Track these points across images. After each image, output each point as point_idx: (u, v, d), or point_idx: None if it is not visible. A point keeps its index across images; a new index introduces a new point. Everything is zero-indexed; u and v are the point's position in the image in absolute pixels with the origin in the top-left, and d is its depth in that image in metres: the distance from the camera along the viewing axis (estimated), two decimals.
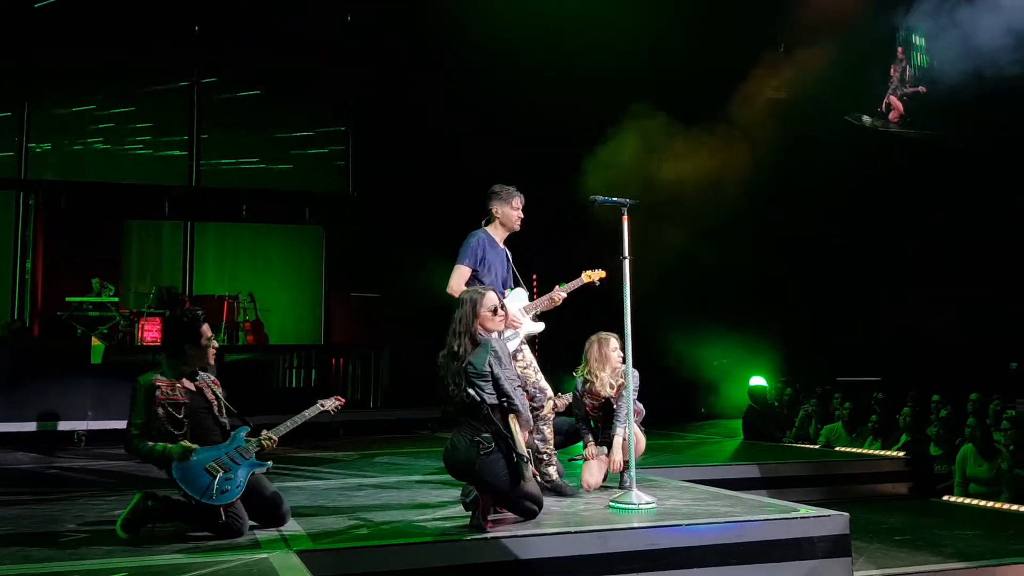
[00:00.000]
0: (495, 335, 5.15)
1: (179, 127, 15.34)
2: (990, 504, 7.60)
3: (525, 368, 5.80)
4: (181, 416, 4.84)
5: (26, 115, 14.65)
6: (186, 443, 4.74)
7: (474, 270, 5.92)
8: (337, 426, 11.55)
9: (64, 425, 10.22)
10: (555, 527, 4.85)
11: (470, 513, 4.97)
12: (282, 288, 15.52)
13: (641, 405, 6.36)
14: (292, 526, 4.98)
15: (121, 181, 14.85)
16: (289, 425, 5.11)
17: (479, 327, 5.03)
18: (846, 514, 5.12)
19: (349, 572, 4.33)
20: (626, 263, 5.63)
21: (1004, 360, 12.11)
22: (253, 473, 4.89)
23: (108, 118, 14.97)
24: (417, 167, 14.34)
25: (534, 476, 5.16)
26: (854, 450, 9.38)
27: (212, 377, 5.15)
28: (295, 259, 15.88)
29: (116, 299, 13.39)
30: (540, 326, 6.11)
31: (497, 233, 6.10)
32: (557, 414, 6.35)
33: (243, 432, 4.97)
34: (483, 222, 6.13)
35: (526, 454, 4.88)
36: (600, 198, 5.69)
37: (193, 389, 4.98)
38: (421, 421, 12.00)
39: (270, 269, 15.65)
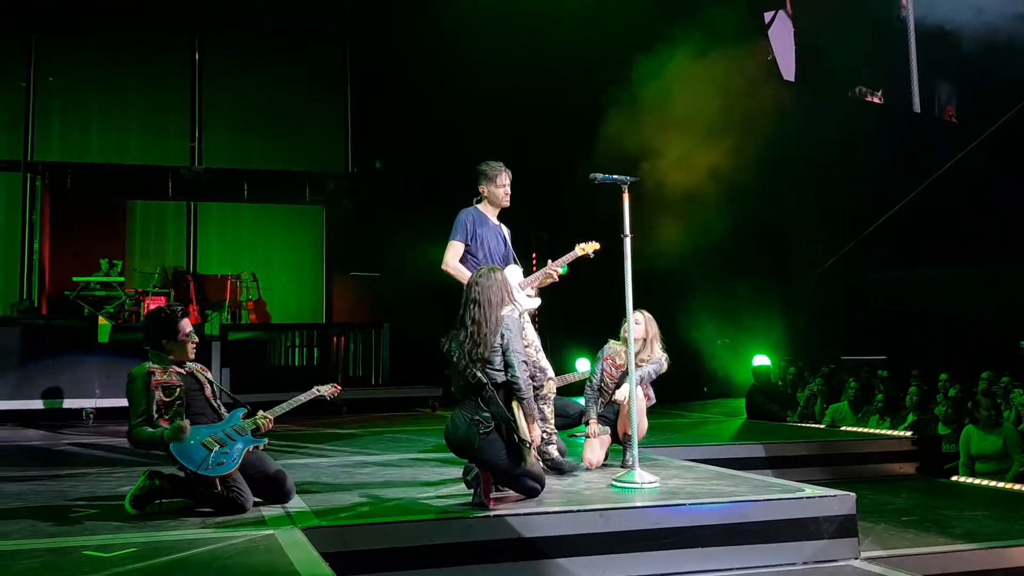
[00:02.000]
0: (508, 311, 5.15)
1: (180, 108, 15.31)
2: (999, 484, 7.57)
3: (527, 346, 5.79)
4: (175, 397, 4.89)
5: (31, 96, 14.61)
6: (179, 421, 4.76)
7: (467, 244, 5.97)
8: (340, 404, 11.58)
9: (72, 403, 10.29)
10: (558, 506, 4.85)
11: (472, 491, 4.98)
12: (284, 267, 15.53)
13: (652, 392, 6.36)
14: (297, 503, 4.99)
15: (125, 162, 14.84)
16: (285, 407, 5.13)
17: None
18: (853, 494, 5.11)
19: (353, 548, 4.35)
20: (627, 241, 5.62)
21: (1014, 339, 12.04)
22: (256, 450, 4.92)
23: (110, 99, 14.94)
24: (417, 145, 14.31)
25: (536, 457, 5.16)
26: (860, 429, 9.37)
27: (200, 365, 5.22)
28: (296, 238, 15.87)
29: (122, 279, 13.43)
30: (536, 302, 6.15)
31: (488, 210, 6.15)
32: (561, 395, 6.36)
33: (240, 413, 5.02)
34: (474, 200, 6.18)
35: (528, 439, 4.88)
36: (600, 176, 5.68)
37: (184, 372, 5.05)
38: (422, 399, 12.03)
39: (272, 248, 15.65)
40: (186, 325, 5.10)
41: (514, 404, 4.91)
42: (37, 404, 10.25)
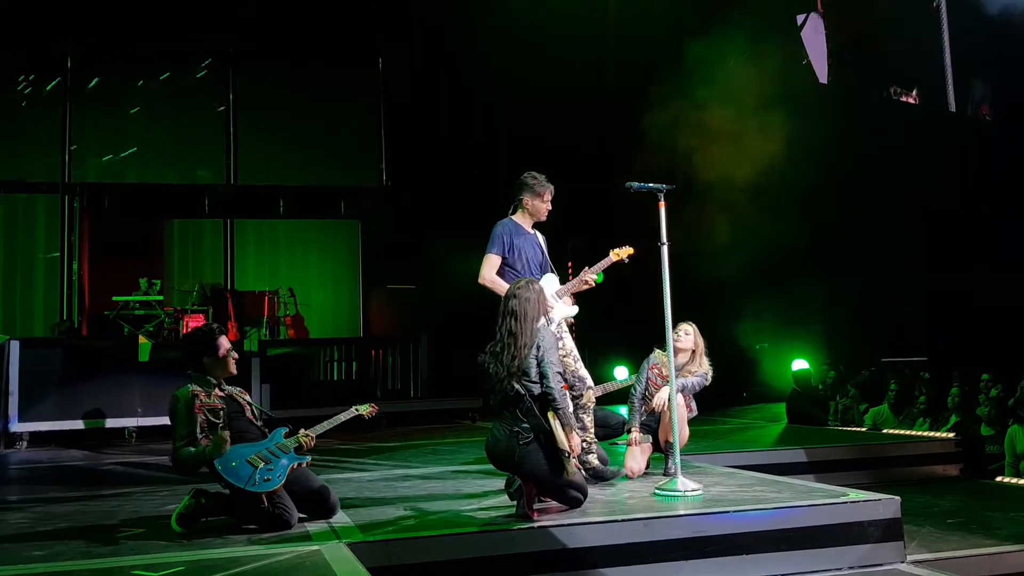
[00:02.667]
0: (543, 322, 5.17)
1: (216, 127, 15.49)
2: None
3: (565, 356, 5.79)
4: (220, 420, 4.94)
5: (68, 119, 14.86)
6: (221, 433, 4.79)
7: (504, 257, 5.98)
8: (380, 417, 11.63)
9: (115, 422, 10.37)
10: (601, 515, 4.85)
11: (515, 503, 4.99)
12: (321, 282, 15.66)
13: (695, 404, 6.36)
14: (341, 518, 5.03)
15: (161, 182, 15.05)
16: (325, 426, 5.17)
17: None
18: (897, 498, 5.07)
19: (399, 563, 4.38)
20: (664, 249, 5.62)
21: None
22: (299, 466, 4.97)
23: (146, 119, 15.15)
24: (450, 158, 14.37)
25: (577, 467, 5.16)
26: (902, 432, 9.27)
27: (238, 389, 5.29)
28: (332, 253, 15.99)
29: (161, 297, 13.58)
30: (574, 309, 6.14)
31: (524, 220, 6.16)
32: (600, 402, 6.35)
33: (282, 431, 5.07)
34: (510, 210, 6.19)
35: (567, 449, 4.88)
36: (636, 184, 5.69)
37: (224, 395, 5.11)
38: (462, 410, 12.04)
39: (308, 264, 15.79)
40: (225, 341, 5.17)
41: (550, 415, 4.92)
42: (79, 424, 10.36)
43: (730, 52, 11.70)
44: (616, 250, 6.17)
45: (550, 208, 6.17)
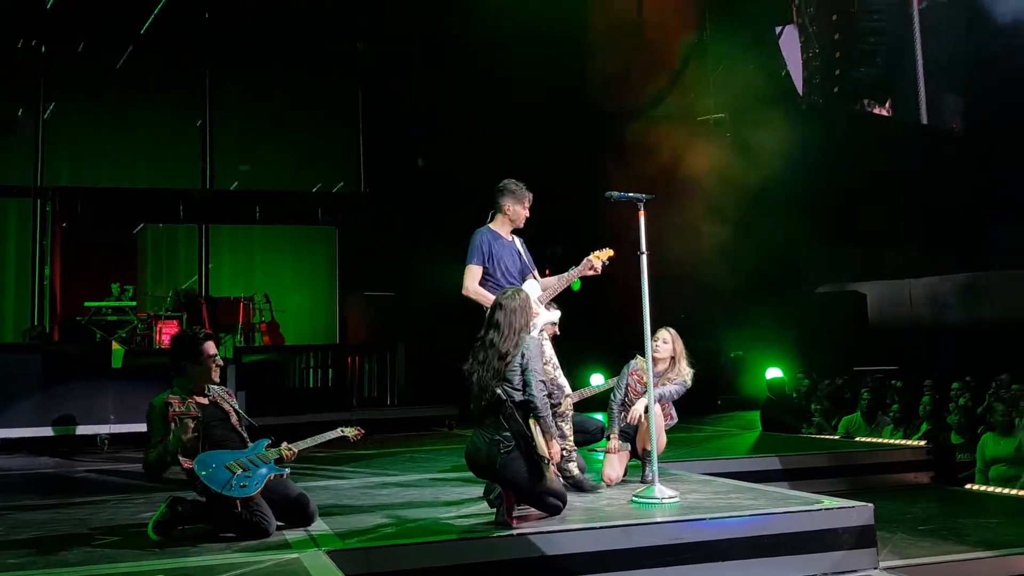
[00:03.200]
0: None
1: (191, 131, 15.41)
2: (1014, 492, 7.58)
3: (545, 363, 5.81)
4: (193, 432, 4.87)
5: (40, 122, 14.73)
6: (184, 421, 4.79)
7: (484, 267, 5.99)
8: (357, 425, 11.58)
9: (87, 429, 10.27)
10: (580, 523, 4.88)
11: (494, 510, 5.00)
12: (297, 289, 15.58)
13: (674, 411, 6.39)
14: (319, 526, 5.02)
15: (135, 186, 14.94)
16: (309, 443, 5.19)
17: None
18: (870, 505, 5.13)
19: (379, 570, 4.38)
20: (643, 258, 5.65)
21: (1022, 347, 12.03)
22: (278, 477, 4.96)
23: (120, 123, 15.06)
24: (429, 165, 14.38)
25: (556, 474, 5.18)
26: (874, 440, 9.36)
27: (227, 390, 5.26)
28: (309, 259, 15.94)
29: (134, 303, 13.46)
30: (557, 314, 6.14)
31: (502, 228, 6.17)
32: (577, 409, 6.37)
33: (264, 443, 5.06)
34: (487, 217, 6.19)
35: (547, 456, 4.91)
36: (616, 194, 5.72)
37: (206, 403, 5.08)
38: (439, 418, 12.02)
39: (284, 270, 15.72)
40: (210, 347, 5.13)
41: (532, 422, 4.94)
42: (51, 431, 10.25)
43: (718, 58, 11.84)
44: (596, 252, 6.15)
45: (528, 215, 6.20)
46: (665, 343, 6.25)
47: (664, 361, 6.26)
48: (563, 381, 5.92)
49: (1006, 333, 12.05)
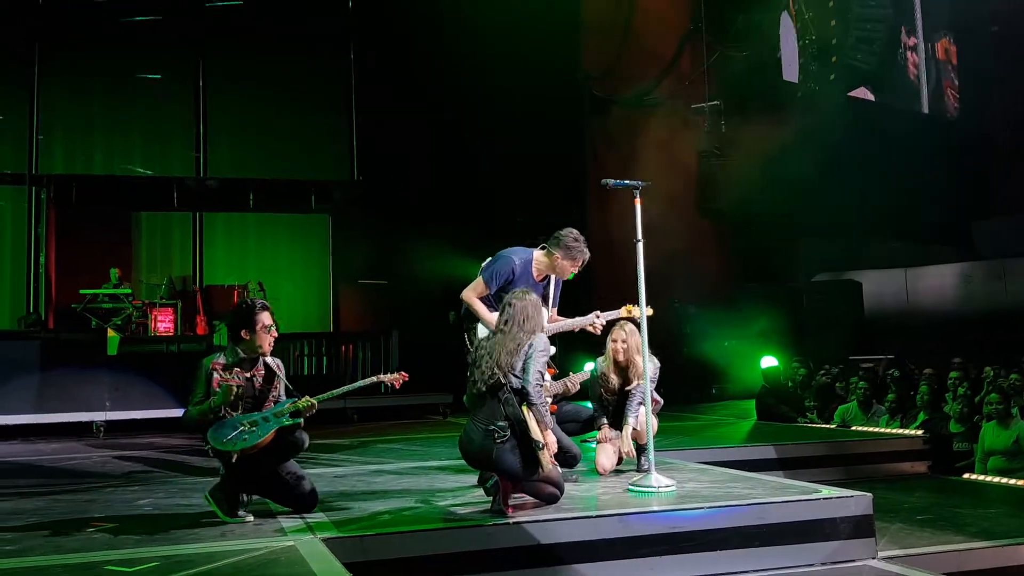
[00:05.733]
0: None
1: (185, 119, 15.36)
2: (1011, 481, 7.58)
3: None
4: (232, 399, 4.91)
5: (35, 109, 14.65)
6: (225, 385, 4.86)
7: (489, 292, 5.79)
8: (351, 412, 11.61)
9: (82, 416, 10.28)
10: (576, 511, 4.87)
11: (490, 498, 4.99)
12: (291, 276, 15.52)
13: (659, 396, 6.35)
14: (315, 513, 5.01)
15: (129, 174, 14.88)
16: (338, 392, 5.27)
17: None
18: (869, 495, 5.12)
19: (375, 558, 4.37)
20: (639, 246, 5.62)
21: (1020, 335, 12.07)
22: (288, 464, 5.01)
23: (114, 110, 14.99)
24: (422, 152, 14.33)
25: (553, 463, 5.16)
26: (871, 429, 9.37)
27: (277, 361, 5.25)
28: (302, 247, 15.87)
29: (129, 291, 13.43)
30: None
31: (542, 268, 5.90)
32: (570, 398, 6.34)
33: (288, 401, 5.06)
34: (539, 247, 5.91)
35: (542, 441, 4.89)
36: (612, 181, 5.67)
37: (248, 376, 5.06)
38: (433, 406, 12.03)
39: (278, 258, 15.66)
40: (265, 318, 5.09)
41: (525, 408, 4.92)
42: (47, 418, 10.25)
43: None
44: (629, 306, 5.95)
45: (576, 272, 5.91)
46: (624, 343, 6.13)
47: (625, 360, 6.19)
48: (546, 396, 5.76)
49: (1000, 322, 12.08)
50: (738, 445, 8.12)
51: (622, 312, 6.01)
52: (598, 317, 5.98)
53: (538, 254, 5.90)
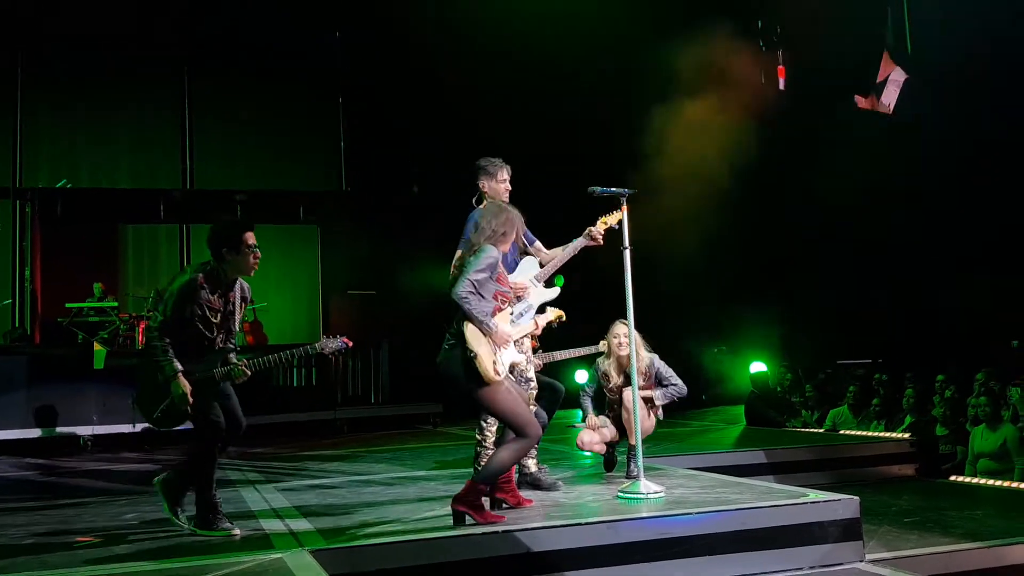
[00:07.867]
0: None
1: (171, 130, 15.33)
2: (998, 483, 7.62)
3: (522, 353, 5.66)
4: (217, 321, 4.84)
5: (18, 122, 14.60)
6: (183, 391, 4.74)
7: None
8: (341, 423, 11.59)
9: (69, 430, 10.23)
10: (565, 519, 4.86)
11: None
12: (279, 288, 15.47)
13: (682, 383, 6.34)
14: (303, 524, 5.00)
15: (115, 186, 14.83)
16: (269, 359, 5.10)
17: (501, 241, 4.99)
18: (856, 498, 5.13)
19: (363, 570, 4.34)
20: (627, 253, 5.62)
21: (1007, 339, 12.11)
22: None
23: (99, 122, 14.96)
24: (410, 162, 14.34)
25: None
26: (859, 433, 9.40)
27: (246, 288, 5.08)
28: (291, 259, 15.82)
29: (115, 304, 13.37)
30: (553, 292, 5.83)
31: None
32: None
33: (225, 369, 4.94)
34: (474, 201, 5.92)
35: (474, 352, 4.71)
36: (599, 189, 5.66)
37: (227, 297, 4.95)
38: (423, 415, 12.01)
39: (267, 269, 15.52)
40: (250, 237, 4.90)
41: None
42: (33, 433, 10.20)
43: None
44: (604, 217, 5.87)
45: (509, 187, 5.92)
46: (626, 336, 6.05)
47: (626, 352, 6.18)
48: (531, 374, 5.70)
49: (986, 325, 12.13)
50: (728, 450, 8.16)
51: (598, 226, 5.87)
52: (589, 233, 5.88)
53: (481, 206, 5.74)
